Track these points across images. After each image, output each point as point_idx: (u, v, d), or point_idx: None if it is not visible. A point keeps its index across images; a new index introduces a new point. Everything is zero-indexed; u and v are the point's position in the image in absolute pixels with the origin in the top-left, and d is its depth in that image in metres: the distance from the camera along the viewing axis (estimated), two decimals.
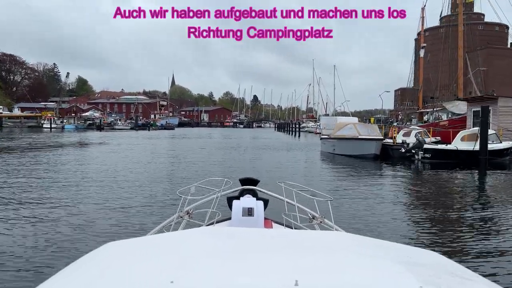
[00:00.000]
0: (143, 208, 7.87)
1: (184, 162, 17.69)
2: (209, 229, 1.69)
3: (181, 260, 1.05)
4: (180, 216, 2.40)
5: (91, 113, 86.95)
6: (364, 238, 1.39)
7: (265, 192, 2.64)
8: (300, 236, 1.45)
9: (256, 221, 2.05)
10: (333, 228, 2.21)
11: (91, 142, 32.10)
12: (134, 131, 63.27)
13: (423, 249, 1.32)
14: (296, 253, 1.14)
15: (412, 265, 1.02)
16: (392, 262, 1.04)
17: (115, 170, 13.67)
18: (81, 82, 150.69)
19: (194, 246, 1.22)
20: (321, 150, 23.04)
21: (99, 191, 9.69)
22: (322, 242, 1.31)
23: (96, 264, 1.11)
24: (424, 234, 6.71)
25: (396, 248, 1.29)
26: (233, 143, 33.90)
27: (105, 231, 6.18)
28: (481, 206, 9.19)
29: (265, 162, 17.97)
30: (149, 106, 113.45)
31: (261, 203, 2.21)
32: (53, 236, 5.84)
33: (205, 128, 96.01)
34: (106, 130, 63.85)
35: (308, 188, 2.70)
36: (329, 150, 21.47)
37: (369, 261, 1.06)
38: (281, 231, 1.95)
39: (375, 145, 18.89)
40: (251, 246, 1.25)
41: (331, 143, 21.49)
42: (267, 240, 1.32)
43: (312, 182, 11.37)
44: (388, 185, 12.14)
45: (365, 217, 7.47)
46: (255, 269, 0.97)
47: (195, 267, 0.99)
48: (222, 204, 2.48)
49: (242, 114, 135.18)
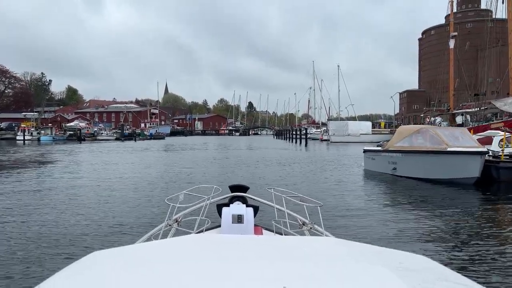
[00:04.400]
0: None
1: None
2: (198, 236, 1.65)
3: (169, 269, 1.04)
4: (169, 224, 2.37)
5: (76, 123, 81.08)
6: (354, 244, 1.37)
7: (255, 198, 2.61)
8: (290, 243, 1.44)
9: (246, 228, 2.01)
10: (323, 234, 2.19)
11: (44, 160, 25.28)
12: (119, 142, 57.48)
13: (414, 254, 1.26)
14: (286, 260, 1.15)
15: (403, 271, 1.01)
16: (383, 267, 1.03)
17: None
18: (71, 92, 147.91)
19: (183, 254, 1.22)
20: (366, 169, 15.70)
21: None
22: (312, 248, 1.31)
23: (82, 273, 1.08)
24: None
25: (386, 253, 1.27)
26: (233, 156, 27.23)
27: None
28: None
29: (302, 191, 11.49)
30: (139, 114, 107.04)
31: (251, 209, 2.16)
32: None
33: (199, 137, 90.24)
34: (88, 142, 58.23)
35: (297, 194, 2.62)
36: (384, 170, 14.12)
37: (360, 266, 1.06)
38: (271, 237, 1.92)
39: (479, 163, 11.27)
40: (241, 254, 1.23)
41: (387, 159, 14.01)
42: (257, 247, 1.32)
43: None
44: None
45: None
46: (244, 277, 0.97)
47: (184, 275, 0.99)
48: (211, 212, 2.44)
49: (237, 121, 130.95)
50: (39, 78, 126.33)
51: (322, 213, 2.38)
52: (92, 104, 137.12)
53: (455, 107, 36.63)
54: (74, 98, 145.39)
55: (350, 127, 52.20)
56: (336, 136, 51.00)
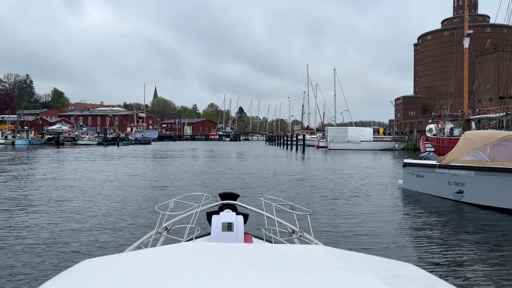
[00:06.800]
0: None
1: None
2: (188, 245, 1.64)
3: (159, 277, 1.04)
4: (159, 232, 2.35)
5: (58, 126, 77.06)
6: (343, 252, 1.37)
7: (245, 206, 2.60)
8: (280, 251, 1.42)
9: (236, 236, 1.99)
10: (313, 242, 2.19)
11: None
12: (102, 147, 53.44)
13: (402, 262, 1.26)
14: (275, 268, 1.15)
15: (391, 279, 1.02)
16: (371, 275, 1.03)
17: None
18: (57, 94, 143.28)
19: (172, 262, 1.20)
20: (406, 188, 11.96)
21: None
22: (302, 256, 1.30)
23: (71, 282, 1.07)
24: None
25: (375, 261, 1.26)
26: (225, 167, 23.67)
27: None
28: None
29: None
30: (125, 118, 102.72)
31: (241, 217, 2.14)
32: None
33: (188, 142, 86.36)
34: (67, 146, 54.22)
35: (287, 202, 2.60)
36: (440, 193, 10.37)
37: (348, 275, 1.06)
38: (261, 245, 1.86)
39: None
40: (230, 262, 1.23)
41: (447, 178, 10.09)
42: (246, 255, 1.32)
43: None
44: None
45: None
46: (234, 285, 0.97)
47: (174, 283, 0.98)
48: (201, 220, 2.40)
49: (228, 126, 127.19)
50: (23, 80, 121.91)
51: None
52: (78, 107, 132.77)
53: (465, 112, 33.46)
54: (60, 101, 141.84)
55: (349, 133, 48.59)
56: (335, 143, 47.49)
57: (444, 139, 32.28)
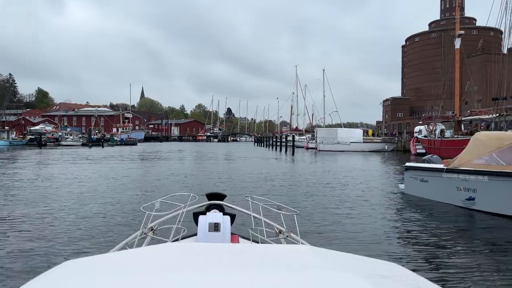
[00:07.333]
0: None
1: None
2: (174, 245, 1.62)
3: (144, 278, 1.02)
4: (144, 232, 2.31)
5: (42, 126, 74.96)
6: (330, 252, 1.37)
7: (232, 206, 2.57)
8: (266, 251, 1.42)
9: (222, 236, 1.99)
10: (299, 242, 2.18)
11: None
12: (86, 148, 52.04)
13: (387, 262, 1.28)
14: (262, 268, 1.15)
15: (375, 278, 1.03)
16: (356, 275, 1.04)
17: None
18: (41, 94, 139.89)
19: (158, 263, 1.18)
20: (407, 193, 11.14)
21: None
22: (288, 256, 1.30)
23: (54, 283, 1.05)
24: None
25: (361, 261, 1.27)
26: (213, 169, 22.74)
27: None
28: None
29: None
30: (111, 119, 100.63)
31: (227, 218, 2.13)
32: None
33: (175, 143, 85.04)
34: (50, 147, 52.57)
35: (274, 202, 2.59)
36: (448, 199, 9.49)
37: (333, 274, 1.06)
38: (248, 246, 1.85)
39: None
40: (217, 262, 1.22)
41: (456, 183, 9.23)
42: (233, 256, 1.31)
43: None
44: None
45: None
46: (221, 285, 0.97)
47: (159, 284, 0.97)
48: (188, 220, 2.37)
49: (216, 127, 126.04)
50: (6, 80, 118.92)
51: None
52: (62, 107, 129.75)
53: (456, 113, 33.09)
54: (44, 101, 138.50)
55: (339, 134, 48.03)
56: (324, 144, 46.83)
57: (436, 141, 31.88)
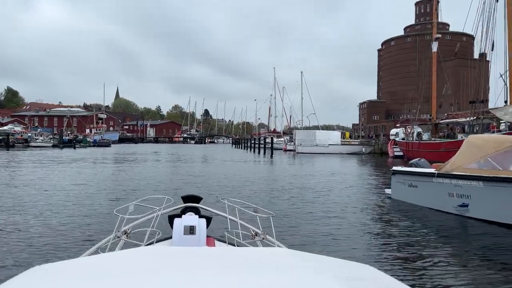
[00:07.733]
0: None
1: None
2: (148, 249, 1.60)
3: (118, 282, 0.99)
4: (117, 236, 2.23)
5: (10, 127, 71.85)
6: (305, 254, 1.38)
7: (208, 209, 2.53)
8: (242, 254, 1.42)
9: (198, 239, 1.95)
10: (275, 244, 2.18)
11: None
12: (57, 149, 50.26)
13: (362, 264, 1.26)
14: (237, 271, 1.15)
15: (350, 280, 1.04)
16: (330, 278, 1.05)
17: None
18: (11, 93, 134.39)
19: (131, 267, 1.16)
20: (395, 199, 10.63)
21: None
22: (264, 259, 1.30)
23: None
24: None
25: (336, 263, 1.28)
26: (190, 172, 21.92)
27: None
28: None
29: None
30: (84, 119, 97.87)
31: (203, 220, 2.10)
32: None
33: (151, 145, 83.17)
34: (18, 148, 50.41)
35: (250, 204, 2.60)
36: (439, 205, 9.04)
37: (308, 277, 1.07)
38: (223, 249, 1.86)
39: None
40: (192, 266, 1.21)
41: (448, 189, 8.76)
42: (209, 259, 1.30)
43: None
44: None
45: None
46: (209, 287, 0.97)
47: (137, 287, 0.96)
48: (163, 223, 2.32)
49: (193, 128, 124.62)
50: None
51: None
52: (33, 107, 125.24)
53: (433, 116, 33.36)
54: (14, 101, 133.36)
55: (318, 137, 47.95)
56: (303, 146, 46.60)
57: (414, 143, 32.02)
